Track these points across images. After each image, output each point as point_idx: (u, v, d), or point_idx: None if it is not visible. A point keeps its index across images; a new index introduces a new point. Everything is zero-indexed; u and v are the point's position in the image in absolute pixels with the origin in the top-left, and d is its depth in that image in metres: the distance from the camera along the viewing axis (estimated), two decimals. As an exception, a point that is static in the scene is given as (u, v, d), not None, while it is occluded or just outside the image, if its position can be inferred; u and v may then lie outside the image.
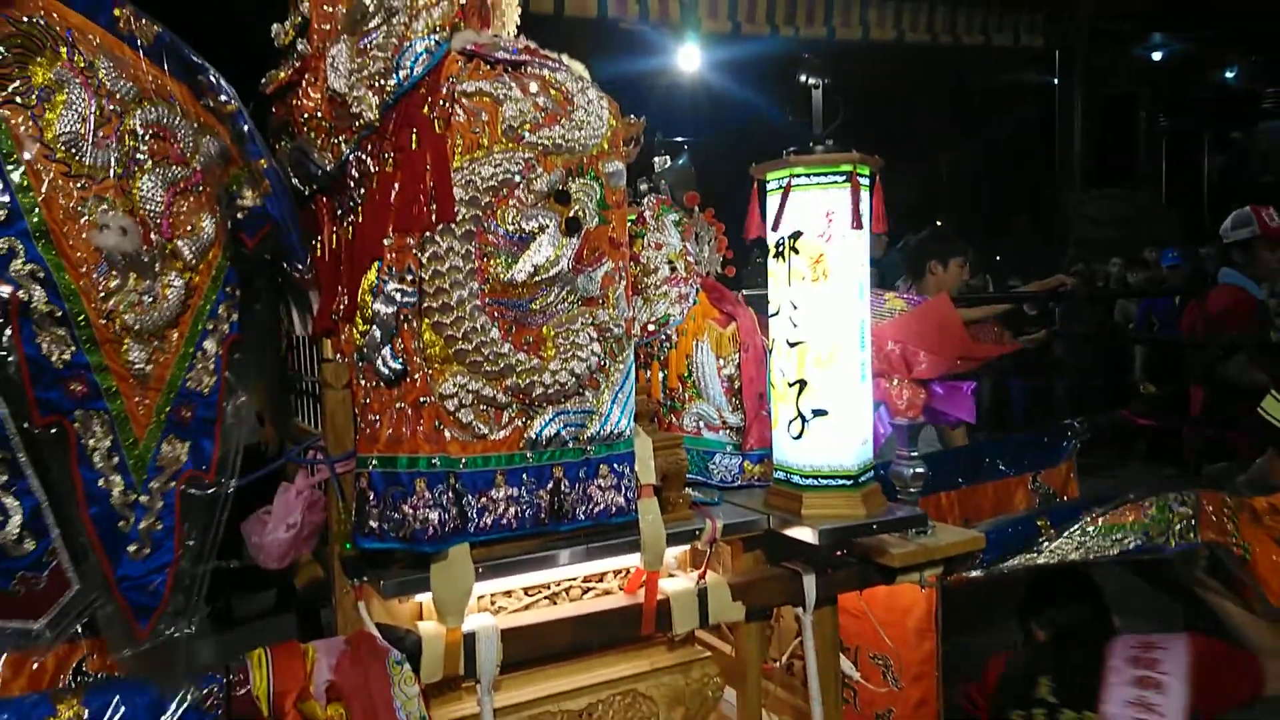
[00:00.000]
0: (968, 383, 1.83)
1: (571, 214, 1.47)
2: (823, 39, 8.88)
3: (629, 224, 1.97)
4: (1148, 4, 9.79)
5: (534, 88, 1.48)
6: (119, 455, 1.23)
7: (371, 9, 1.52)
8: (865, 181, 1.66)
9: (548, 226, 1.45)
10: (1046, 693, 2.15)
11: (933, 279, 3.56)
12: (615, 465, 1.54)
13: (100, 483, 1.22)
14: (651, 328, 1.87)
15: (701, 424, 1.87)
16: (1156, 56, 11.79)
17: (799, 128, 1.77)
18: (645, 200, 1.96)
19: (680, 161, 5.76)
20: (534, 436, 1.45)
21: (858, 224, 1.62)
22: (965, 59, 11.36)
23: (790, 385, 1.67)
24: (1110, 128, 11.36)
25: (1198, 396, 3.82)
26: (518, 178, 1.44)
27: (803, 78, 1.72)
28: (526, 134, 1.44)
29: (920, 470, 1.85)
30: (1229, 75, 12.07)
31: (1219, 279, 3.89)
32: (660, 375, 1.89)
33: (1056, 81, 9.99)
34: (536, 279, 1.44)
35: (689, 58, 9.66)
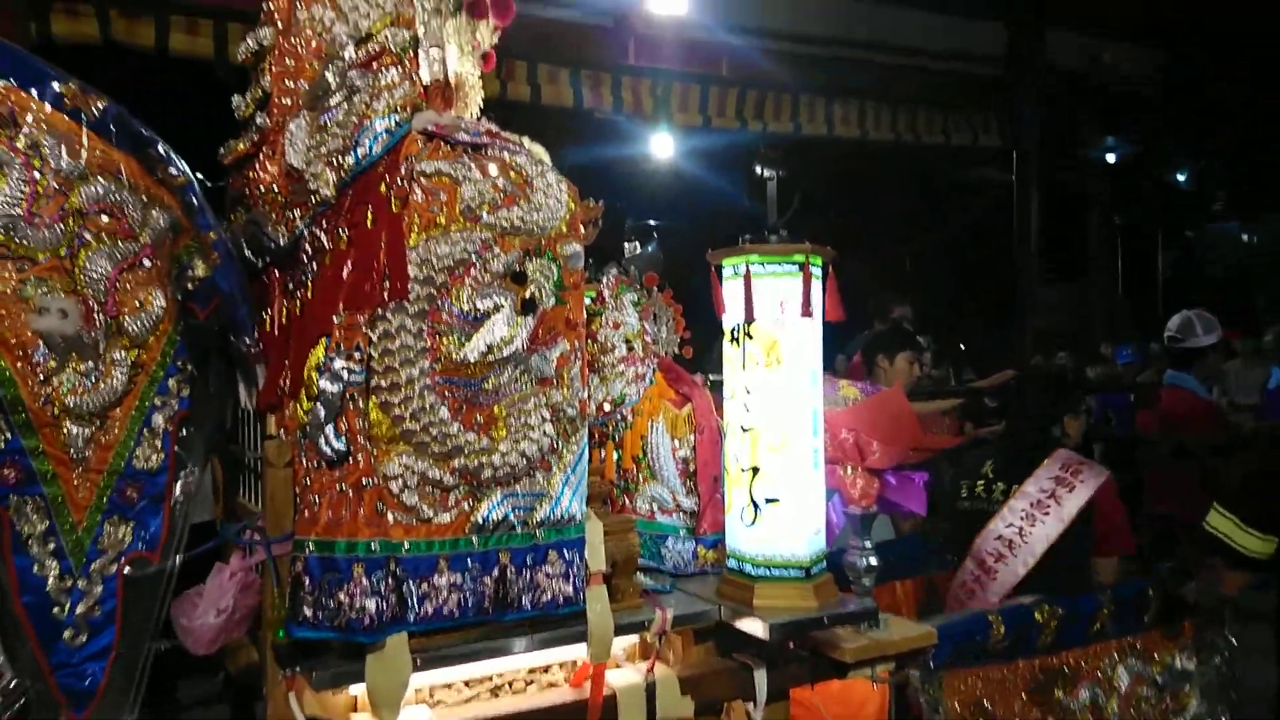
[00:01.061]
0: (920, 474, 1.83)
1: (527, 294, 1.47)
2: (789, 134, 9.16)
3: (587, 302, 1.98)
4: (1098, 109, 10.25)
5: (493, 170, 1.49)
6: (55, 540, 1.19)
7: (333, 86, 1.55)
8: (817, 272, 1.68)
9: (503, 306, 1.45)
10: (988, 470, 2.84)
11: (881, 373, 3.60)
12: (565, 551, 1.50)
13: (35, 569, 1.17)
14: (607, 407, 1.86)
15: (655, 507, 1.84)
16: (1110, 158, 12.29)
17: (759, 218, 1.80)
18: (604, 279, 1.97)
19: (650, 248, 5.84)
20: (481, 520, 1.42)
21: (807, 312, 1.64)
22: (927, 155, 11.79)
23: (743, 471, 1.66)
24: (1065, 224, 11.75)
25: (1152, 489, 3.85)
26: (474, 257, 1.44)
27: (759, 170, 1.76)
28: (484, 214, 1.45)
29: (873, 562, 1.83)
30: (1180, 177, 12.60)
31: (1165, 381, 3.96)
32: (615, 456, 1.86)
33: (1014, 178, 10.34)
34: (490, 358, 1.43)
35: (662, 146, 9.92)
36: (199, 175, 1.39)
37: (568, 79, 8.13)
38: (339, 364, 1.35)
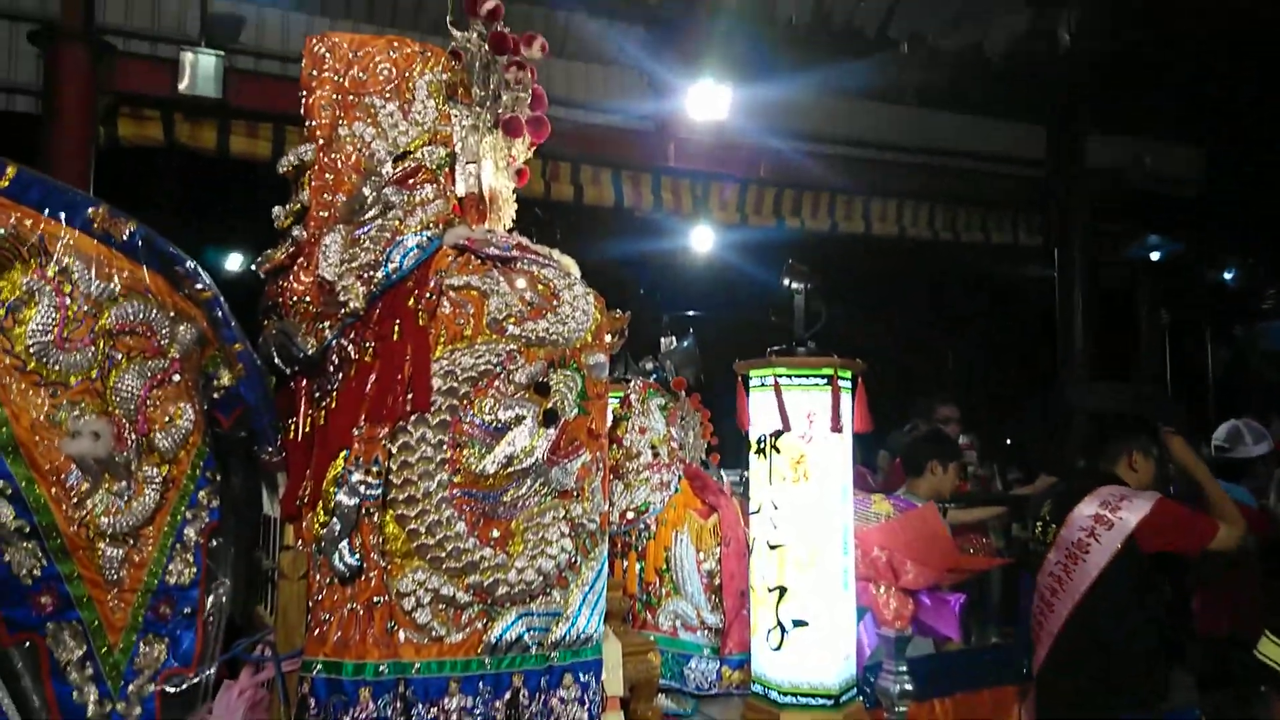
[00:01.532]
0: (956, 595, 1.75)
1: (550, 405, 1.46)
2: (826, 230, 9.25)
3: (614, 404, 1.97)
4: (1141, 209, 10.22)
5: (521, 283, 1.51)
6: (93, 664, 1.18)
7: (370, 201, 1.59)
8: (846, 384, 1.65)
9: (525, 417, 1.44)
10: (1046, 511, 2.96)
11: (931, 479, 3.50)
12: (580, 674, 1.45)
13: (74, 696, 1.16)
14: (630, 515, 1.83)
15: (678, 623, 1.79)
16: (1154, 256, 12.19)
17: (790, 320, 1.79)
18: (632, 383, 1.97)
19: (686, 343, 5.85)
20: (494, 640, 1.38)
21: (836, 426, 1.61)
22: (967, 254, 11.81)
23: (770, 591, 1.60)
24: (1110, 321, 11.59)
25: (1204, 609, 3.64)
26: (499, 368, 1.44)
27: (786, 282, 1.75)
28: (510, 326, 1.45)
29: (908, 687, 1.74)
30: (1227, 275, 12.42)
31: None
32: (637, 567, 1.82)
33: (1056, 275, 10.28)
34: (510, 470, 1.42)
35: (701, 239, 10.08)
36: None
37: (609, 180, 8.36)
38: (356, 477, 1.34)
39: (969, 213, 9.82)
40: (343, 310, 1.49)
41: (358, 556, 1.32)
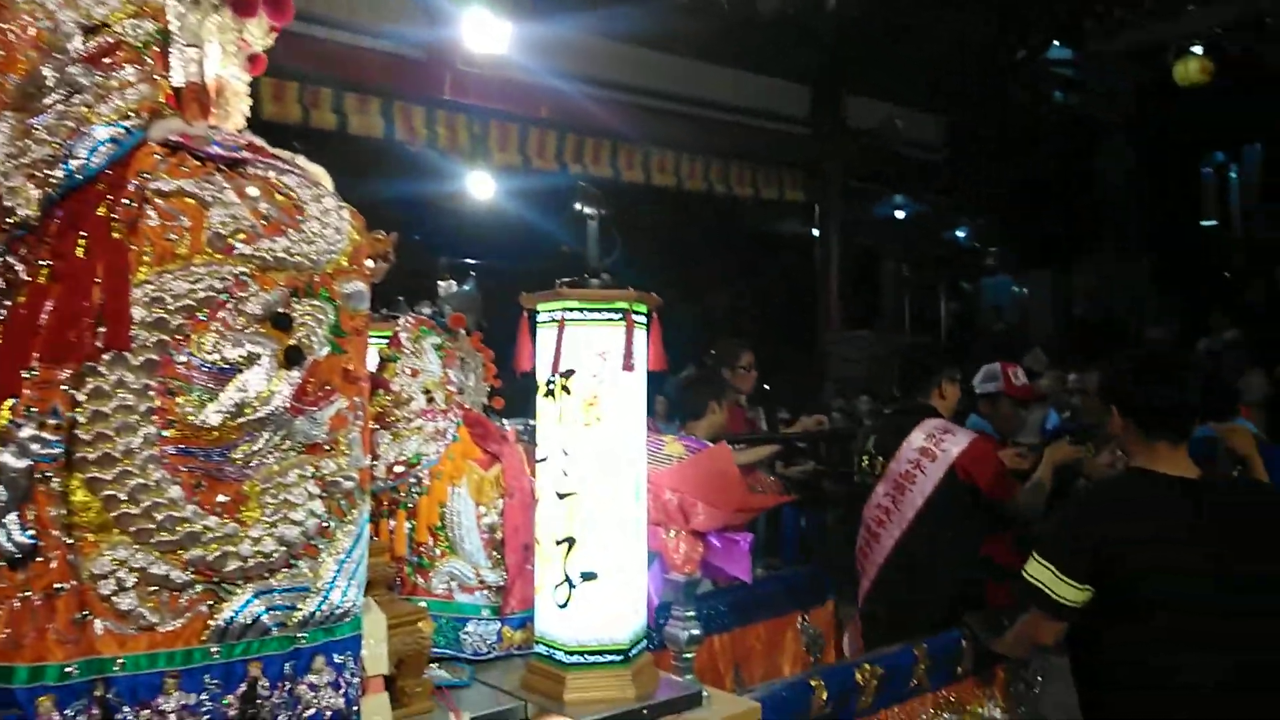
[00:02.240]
0: (745, 535, 1.70)
1: (293, 341, 1.21)
2: (609, 178, 9.19)
3: (379, 347, 1.73)
4: (890, 169, 11.01)
5: (254, 191, 1.23)
6: None
7: (50, 83, 1.24)
8: (641, 320, 1.53)
9: (260, 356, 1.18)
10: (871, 445, 3.27)
11: (712, 418, 3.55)
12: (334, 655, 1.23)
13: None
14: (399, 469, 1.61)
15: (455, 585, 1.61)
16: (900, 215, 13.25)
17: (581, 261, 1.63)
18: (402, 320, 1.74)
19: (466, 287, 5.57)
20: (223, 625, 1.13)
21: (629, 365, 1.48)
22: (739, 207, 12.24)
23: (558, 544, 1.46)
24: (861, 276, 12.49)
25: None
26: (224, 296, 1.17)
27: (578, 207, 1.59)
28: (239, 244, 1.18)
29: (696, 632, 1.67)
30: (960, 234, 13.76)
31: (969, 426, 4.14)
32: (407, 526, 1.61)
33: (817, 233, 10.89)
34: (240, 421, 1.16)
35: (482, 185, 9.66)
36: None
37: (378, 110, 7.76)
38: (27, 432, 1.04)
39: (740, 167, 10.14)
40: (8, 219, 1.15)
41: (32, 533, 1.02)
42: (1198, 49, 9.54)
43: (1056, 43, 11.31)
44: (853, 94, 10.34)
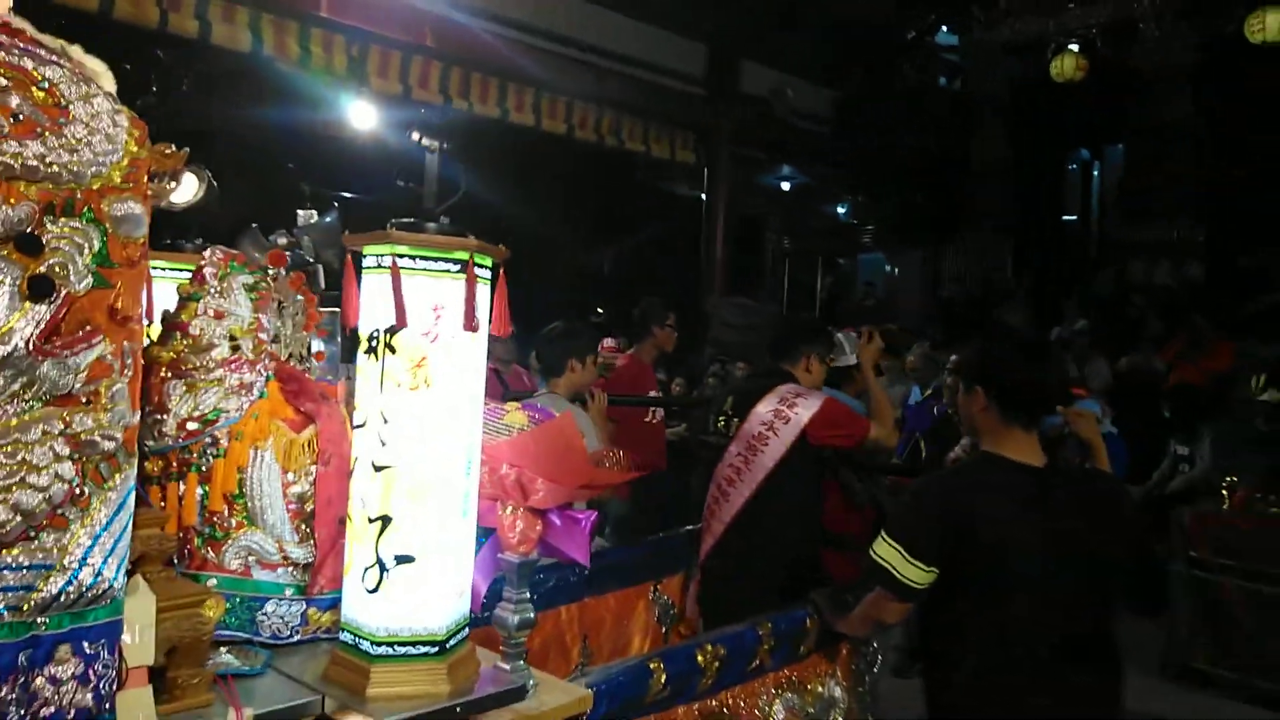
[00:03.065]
0: (587, 514, 1.58)
1: (42, 269, 1.00)
2: (496, 118, 8.82)
3: (180, 282, 1.51)
4: (779, 138, 11.05)
5: (1, 82, 1.00)
6: None
7: None
8: (485, 274, 1.36)
9: (-3, 285, 0.97)
10: (728, 406, 3.30)
11: (571, 376, 3.42)
12: (84, 643, 1.04)
13: None
14: (192, 426, 1.40)
15: (252, 560, 1.42)
16: (785, 186, 13.39)
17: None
18: (207, 254, 1.51)
19: (329, 219, 5.15)
20: (-69, 609, 0.93)
21: (471, 324, 1.31)
22: (629, 161, 12.05)
23: (371, 522, 1.29)
24: (743, 243, 12.57)
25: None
26: (-51, 208, 0.94)
27: (416, 137, 1.39)
28: (-28, 146, 0.95)
29: (529, 616, 1.55)
30: (840, 209, 14.03)
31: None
32: (199, 492, 1.41)
33: (704, 196, 10.86)
34: (-34, 363, 0.94)
35: (361, 115, 9.08)
36: None
37: (246, 20, 7.13)
38: None
39: (632, 121, 9.94)
40: None
41: None
42: (1074, 46, 9.94)
43: (944, 28, 11.58)
44: (749, 59, 10.29)
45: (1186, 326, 7.88)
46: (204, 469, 1.39)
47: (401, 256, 1.30)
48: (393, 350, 1.30)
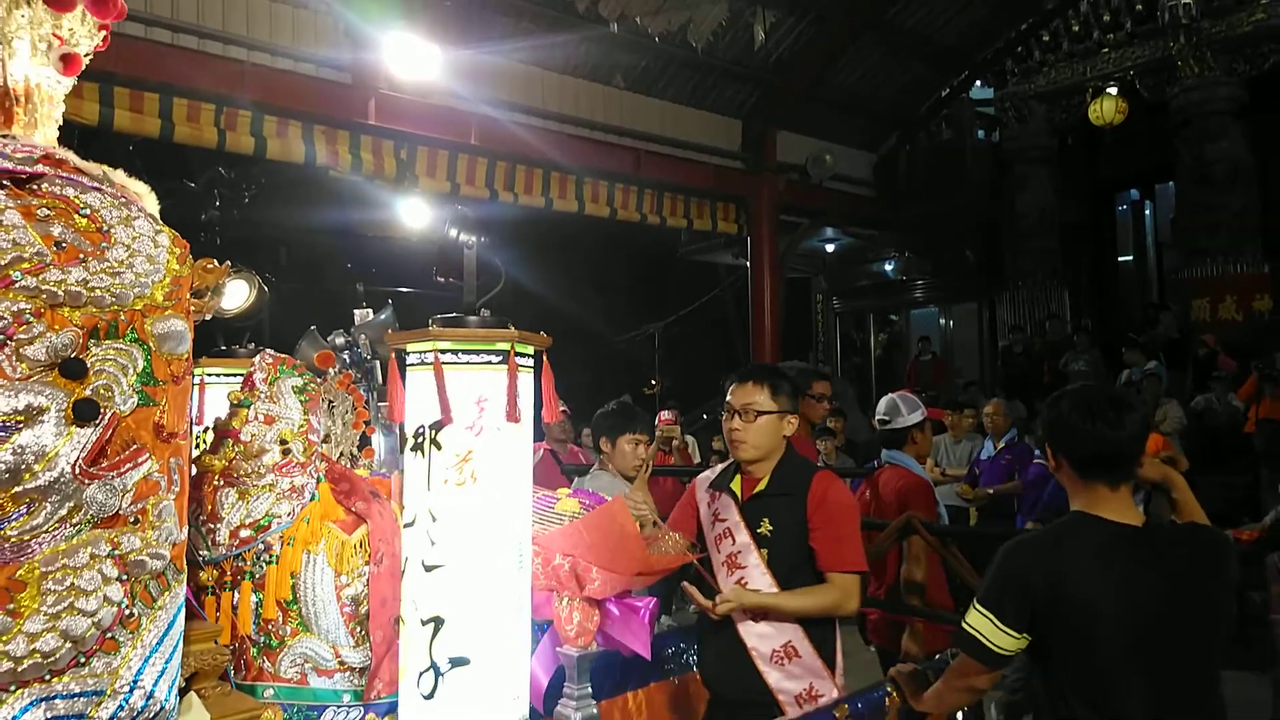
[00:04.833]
0: (646, 601, 1.52)
1: (86, 393, 1.01)
2: (542, 208, 9.04)
3: (230, 391, 1.53)
4: (819, 203, 11.09)
5: (44, 212, 1.03)
6: None
7: None
8: (527, 363, 1.35)
9: (44, 410, 0.98)
10: None
11: (604, 458, 3.38)
12: (137, 770, 1.02)
13: None
14: (246, 534, 1.40)
15: (308, 667, 1.39)
16: (830, 248, 13.39)
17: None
18: (257, 359, 1.53)
19: (384, 316, 5.25)
20: (-17, 743, 0.92)
21: (514, 415, 1.30)
22: (672, 238, 12.21)
23: (424, 624, 1.26)
24: (791, 307, 12.55)
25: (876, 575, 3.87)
26: (-1, 338, 0.96)
27: (454, 233, 1.41)
28: (18, 276, 0.98)
29: (593, 713, 1.49)
30: (888, 267, 13.95)
31: (884, 460, 4.04)
32: (253, 600, 1.40)
33: (749, 264, 10.90)
34: (14, 490, 0.95)
35: (413, 213, 9.41)
36: None
37: (300, 134, 7.46)
38: None
39: (673, 198, 10.10)
40: None
41: None
42: (1112, 89, 9.86)
43: (978, 83, 11.62)
44: (783, 129, 10.43)
45: (1262, 362, 7.55)
46: (257, 576, 1.39)
47: (444, 352, 1.30)
48: (438, 446, 1.29)
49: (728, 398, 2.37)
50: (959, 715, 2.34)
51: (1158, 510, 2.21)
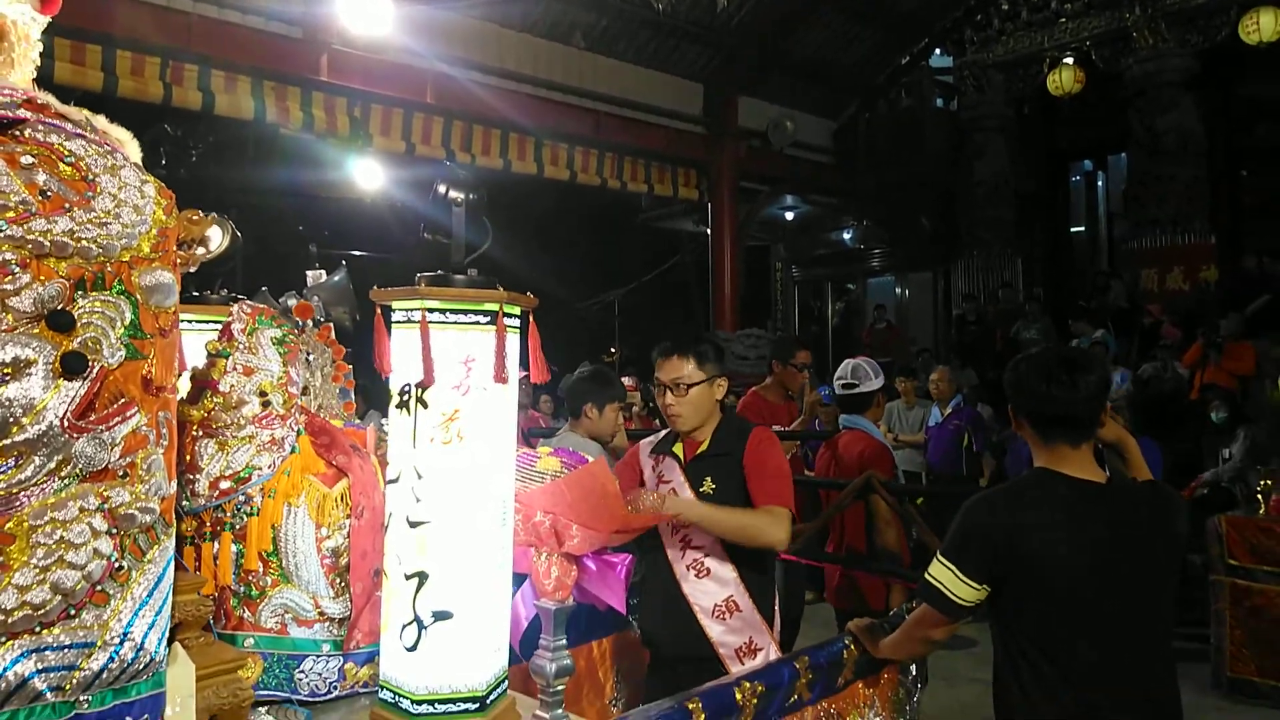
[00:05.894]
0: (622, 557, 1.56)
1: (74, 345, 1.00)
2: (500, 170, 8.94)
3: (209, 341, 1.51)
4: (779, 171, 11.13)
5: (28, 159, 1.01)
6: None
7: None
8: (514, 324, 1.36)
9: (31, 363, 0.97)
10: None
11: (587, 422, 3.40)
12: (127, 718, 1.03)
13: None
14: (226, 485, 1.40)
15: (288, 618, 1.41)
16: (789, 216, 13.45)
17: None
18: (235, 309, 1.52)
19: (337, 278, 5.18)
20: (-22, 691, 0.92)
21: (501, 376, 1.31)
22: (633, 203, 12.15)
23: (408, 578, 1.28)
24: (751, 275, 12.62)
25: (835, 534, 3.97)
26: (-16, 289, 0.95)
27: (442, 189, 1.41)
28: (5, 225, 0.96)
29: (566, 663, 1.52)
30: (846, 235, 14.07)
31: (842, 425, 4.12)
32: (233, 551, 1.40)
33: (709, 231, 10.92)
34: (5, 441, 0.94)
35: (367, 174, 9.24)
36: None
37: (249, 89, 7.27)
38: None
39: (634, 163, 10.05)
40: None
41: None
42: (1069, 59, 9.99)
43: (938, 51, 11.69)
44: (744, 94, 10.40)
45: (1205, 331, 7.81)
46: (238, 528, 1.39)
47: (431, 311, 1.30)
48: (424, 405, 1.30)
49: (656, 374, 2.43)
50: None
51: (1113, 467, 2.29)
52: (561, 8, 8.79)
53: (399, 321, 1.35)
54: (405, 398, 1.33)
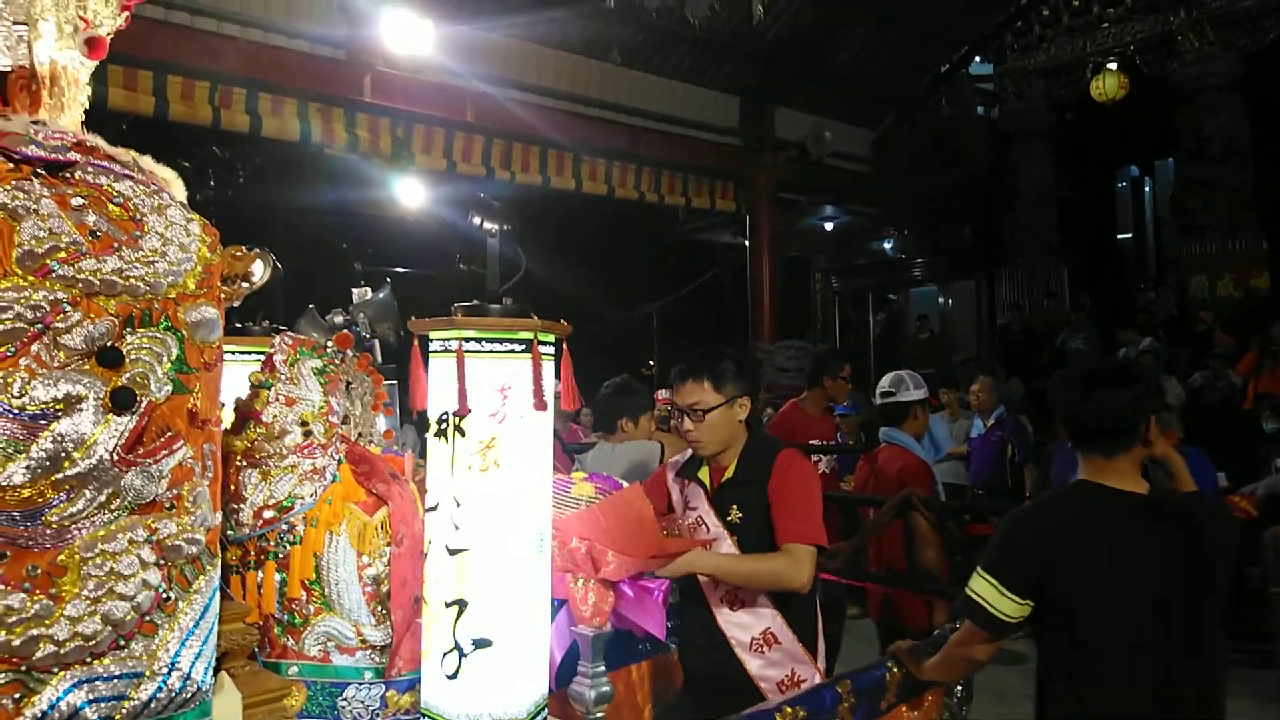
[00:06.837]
0: (659, 583, 1.55)
1: (123, 381, 1.03)
2: (538, 186, 9.02)
3: (251, 372, 1.54)
4: (818, 181, 11.06)
5: (78, 201, 1.04)
6: None
7: None
8: (549, 351, 1.37)
9: (82, 399, 1.00)
10: None
11: (623, 435, 3.40)
12: (175, 748, 1.05)
13: None
14: (269, 514, 1.42)
15: (331, 646, 1.42)
16: (829, 226, 13.37)
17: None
18: (277, 341, 1.55)
19: (382, 295, 5.22)
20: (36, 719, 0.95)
21: (540, 404, 1.32)
22: (670, 216, 12.17)
23: (447, 606, 1.29)
24: (790, 286, 12.57)
25: (875, 552, 3.92)
26: (36, 327, 0.98)
27: (476, 221, 1.42)
28: (57, 265, 0.99)
29: (606, 690, 1.52)
30: (887, 245, 13.94)
31: (882, 438, 4.08)
32: (277, 580, 1.42)
33: (747, 243, 10.89)
34: (56, 476, 0.97)
35: (409, 192, 9.39)
36: None
37: (295, 111, 7.43)
38: None
39: (671, 176, 10.07)
40: None
41: None
42: (1112, 65, 9.82)
43: (978, 58, 11.56)
44: (781, 106, 10.38)
45: (1260, 339, 7.59)
46: (281, 556, 1.41)
47: (467, 340, 1.32)
48: (462, 433, 1.31)
49: (673, 397, 2.35)
50: None
51: (1157, 480, 2.24)
52: (599, 25, 8.87)
53: (436, 351, 1.37)
54: (443, 426, 1.34)
